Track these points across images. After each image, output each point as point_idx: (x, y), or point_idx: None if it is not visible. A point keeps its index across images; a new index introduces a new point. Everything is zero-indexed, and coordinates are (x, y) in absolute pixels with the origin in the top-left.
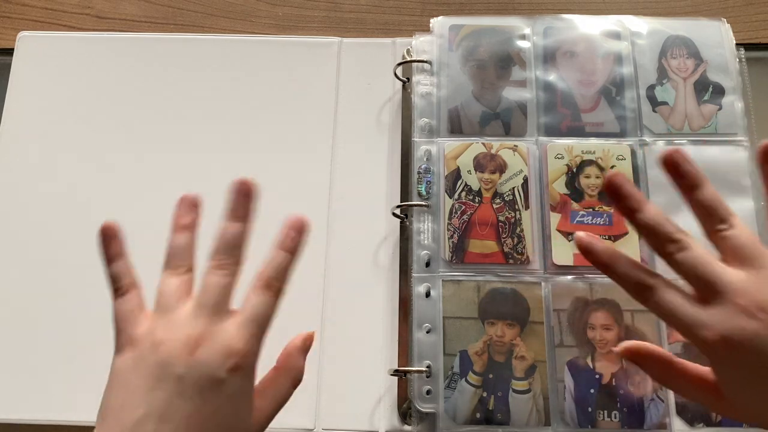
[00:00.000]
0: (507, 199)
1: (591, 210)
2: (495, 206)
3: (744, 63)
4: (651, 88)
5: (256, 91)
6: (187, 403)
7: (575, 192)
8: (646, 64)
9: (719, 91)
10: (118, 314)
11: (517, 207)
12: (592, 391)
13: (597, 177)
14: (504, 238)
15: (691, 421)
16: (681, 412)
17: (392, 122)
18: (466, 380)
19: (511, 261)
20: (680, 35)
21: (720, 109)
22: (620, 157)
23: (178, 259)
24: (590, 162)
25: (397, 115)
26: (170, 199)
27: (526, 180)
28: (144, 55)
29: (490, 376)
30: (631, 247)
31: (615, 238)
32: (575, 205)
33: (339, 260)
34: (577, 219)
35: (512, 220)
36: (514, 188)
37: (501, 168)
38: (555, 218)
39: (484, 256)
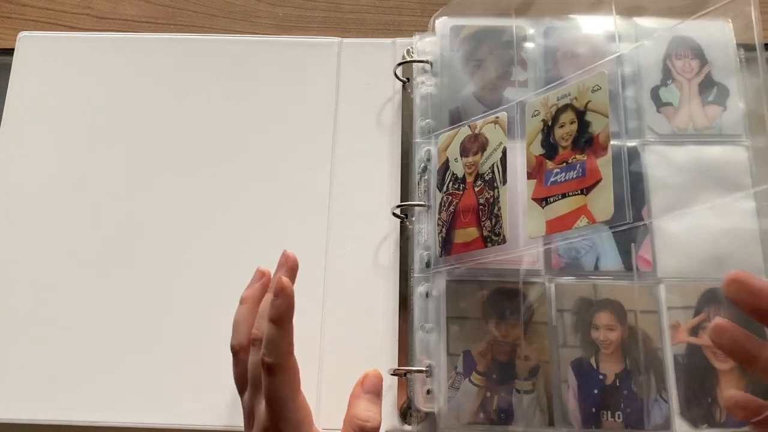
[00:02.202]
0: (487, 178)
1: (564, 164)
2: (476, 189)
3: (744, 63)
4: (655, 88)
5: (255, 91)
6: None
7: (550, 148)
8: (651, 65)
9: (724, 92)
10: None
11: (495, 184)
12: (595, 391)
13: (571, 122)
14: (483, 221)
15: (695, 422)
16: (685, 413)
17: (392, 122)
18: (470, 380)
19: (489, 244)
20: (685, 36)
21: (725, 110)
22: (596, 88)
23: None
24: (565, 107)
25: (397, 115)
26: (170, 198)
27: (504, 152)
28: (144, 55)
29: (494, 376)
30: (605, 194)
31: (587, 190)
32: (549, 164)
33: (339, 260)
34: (551, 180)
35: (491, 200)
36: (493, 165)
37: (483, 147)
38: (531, 186)
39: (466, 245)
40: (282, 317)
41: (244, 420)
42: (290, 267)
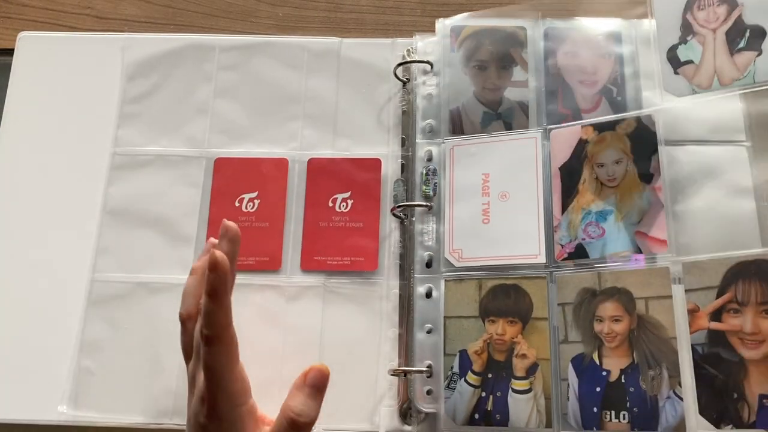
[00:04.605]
0: None
1: None
2: None
3: None
4: (672, 48)
5: (255, 91)
6: None
7: None
8: (666, 24)
9: (758, 34)
10: None
11: None
12: (597, 389)
13: None
14: None
15: (716, 422)
16: (704, 410)
17: (392, 122)
18: (465, 380)
19: None
20: None
21: (759, 54)
22: None
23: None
24: None
25: (397, 115)
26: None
27: None
28: (143, 56)
29: (489, 375)
30: None
31: None
32: None
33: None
34: None
35: None
36: None
37: None
38: None
39: None
40: (216, 291)
41: (188, 386)
42: (230, 238)
